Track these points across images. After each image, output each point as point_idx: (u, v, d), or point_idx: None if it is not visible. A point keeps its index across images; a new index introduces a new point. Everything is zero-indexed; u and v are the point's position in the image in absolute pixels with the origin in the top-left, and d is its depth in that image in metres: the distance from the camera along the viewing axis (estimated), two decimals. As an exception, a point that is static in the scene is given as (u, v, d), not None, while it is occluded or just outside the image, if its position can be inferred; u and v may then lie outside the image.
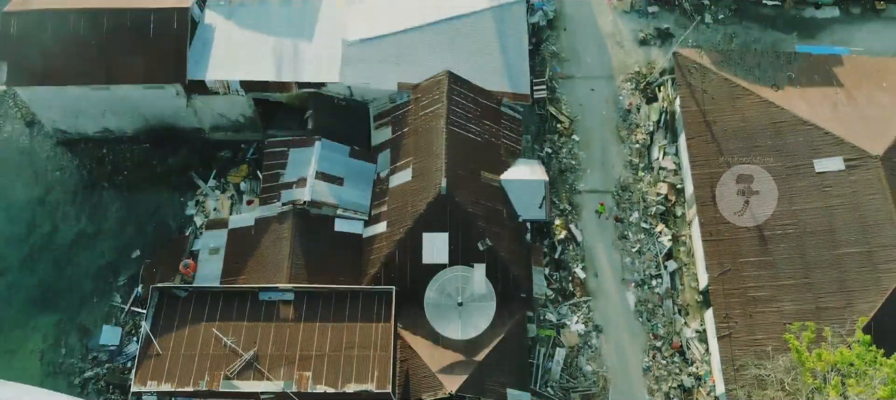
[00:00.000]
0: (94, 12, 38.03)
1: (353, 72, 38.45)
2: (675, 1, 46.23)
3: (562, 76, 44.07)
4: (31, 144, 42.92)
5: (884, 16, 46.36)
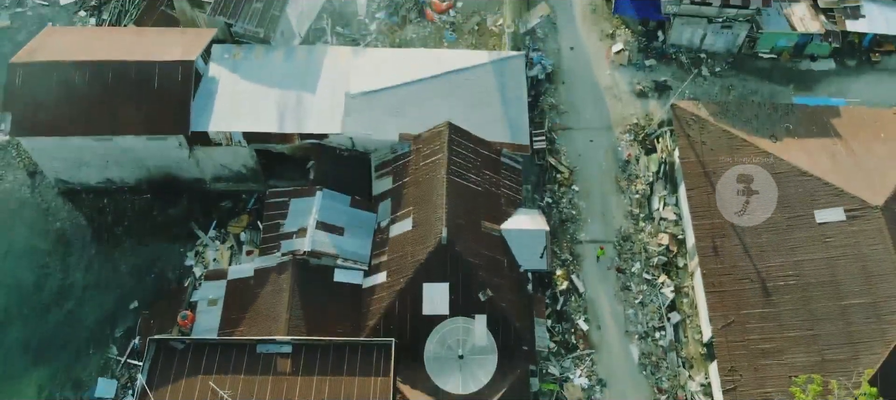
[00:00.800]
0: (100, 64, 38.59)
1: (355, 123, 38.82)
2: (671, 55, 46.94)
3: (561, 127, 44.45)
4: (32, 194, 43.04)
5: (879, 67, 47.04)
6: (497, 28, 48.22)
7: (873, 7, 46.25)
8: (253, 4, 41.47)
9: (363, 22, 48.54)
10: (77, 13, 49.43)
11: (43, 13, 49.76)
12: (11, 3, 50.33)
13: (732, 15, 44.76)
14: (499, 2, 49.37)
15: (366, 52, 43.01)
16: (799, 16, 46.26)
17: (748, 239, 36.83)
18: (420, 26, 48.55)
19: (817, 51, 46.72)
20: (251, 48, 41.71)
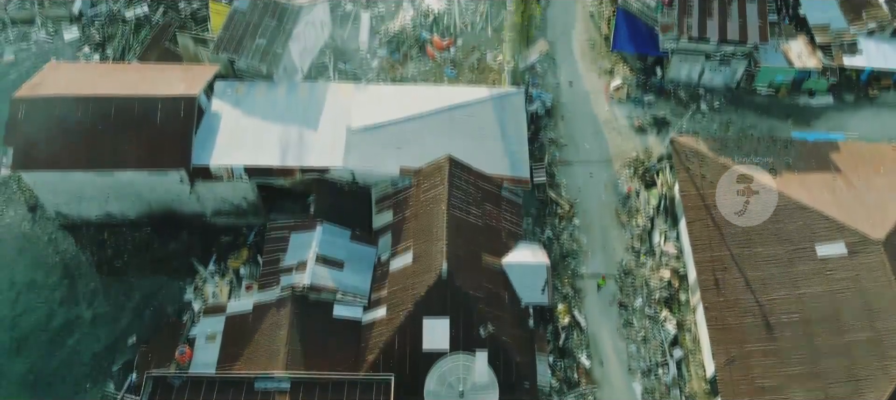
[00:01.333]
0: (102, 99, 38.89)
1: (356, 157, 38.97)
2: (670, 90, 47.29)
3: (561, 162, 44.58)
4: (32, 229, 43.01)
5: (877, 103, 47.34)
6: (497, 64, 48.70)
7: (870, 43, 46.74)
8: (256, 41, 41.95)
9: (365, 58, 49.04)
10: (81, 49, 49.93)
11: (47, 49, 50.28)
12: (16, 38, 50.93)
13: (730, 51, 45.24)
14: (498, 39, 50.00)
15: (367, 87, 43.39)
16: (796, 52, 46.74)
17: (750, 273, 36.68)
18: (421, 63, 49.04)
19: (815, 86, 47.08)
20: (254, 84, 42.08)
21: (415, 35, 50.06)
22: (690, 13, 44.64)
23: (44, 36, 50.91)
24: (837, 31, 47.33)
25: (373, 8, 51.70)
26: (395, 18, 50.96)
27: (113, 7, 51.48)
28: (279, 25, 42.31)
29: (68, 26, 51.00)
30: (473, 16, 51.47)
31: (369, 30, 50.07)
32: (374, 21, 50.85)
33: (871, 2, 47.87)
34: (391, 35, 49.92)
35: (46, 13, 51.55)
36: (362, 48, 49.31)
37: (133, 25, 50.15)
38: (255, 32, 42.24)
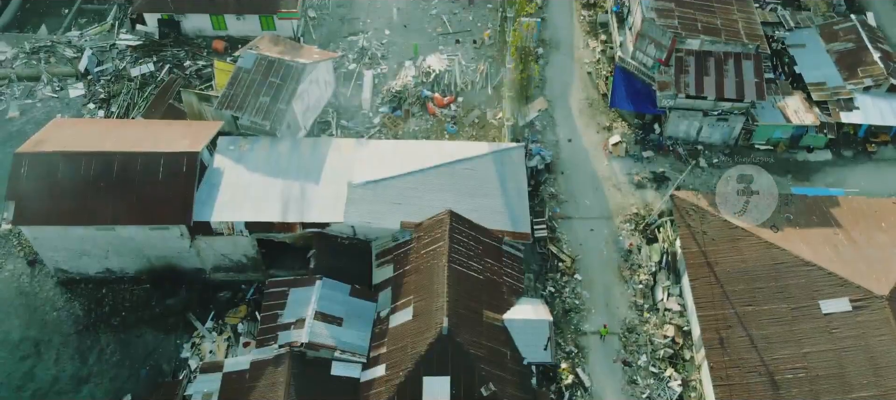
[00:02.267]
0: (105, 155, 39.13)
1: (357, 212, 38.99)
2: (668, 146, 47.63)
3: (561, 216, 44.59)
4: (31, 284, 42.72)
5: (875, 158, 47.62)
6: (497, 121, 49.21)
7: (867, 99, 47.31)
8: (260, 98, 42.50)
9: (367, 115, 49.60)
10: (86, 105, 50.53)
11: (52, 105, 50.89)
12: (22, 94, 51.58)
13: (727, 108, 45.75)
14: (498, 97, 50.67)
15: (369, 143, 43.76)
16: (793, 108, 47.28)
17: (754, 331, 36.25)
18: (422, 120, 49.57)
19: (813, 142, 47.45)
20: (257, 140, 42.43)
21: (416, 93, 50.76)
22: (687, 71, 45.33)
23: (49, 92, 51.59)
24: (834, 87, 48.01)
25: (375, 67, 52.59)
26: (397, 77, 51.79)
27: (119, 65, 52.36)
28: (283, 83, 42.92)
29: (74, 83, 51.76)
30: (473, 75, 52.34)
31: (372, 88, 50.83)
32: (376, 79, 51.65)
33: (867, 59, 48.68)
34: (393, 93, 50.62)
35: (53, 70, 52.37)
36: (365, 106, 49.94)
37: (138, 82, 50.91)
38: (259, 90, 42.83)
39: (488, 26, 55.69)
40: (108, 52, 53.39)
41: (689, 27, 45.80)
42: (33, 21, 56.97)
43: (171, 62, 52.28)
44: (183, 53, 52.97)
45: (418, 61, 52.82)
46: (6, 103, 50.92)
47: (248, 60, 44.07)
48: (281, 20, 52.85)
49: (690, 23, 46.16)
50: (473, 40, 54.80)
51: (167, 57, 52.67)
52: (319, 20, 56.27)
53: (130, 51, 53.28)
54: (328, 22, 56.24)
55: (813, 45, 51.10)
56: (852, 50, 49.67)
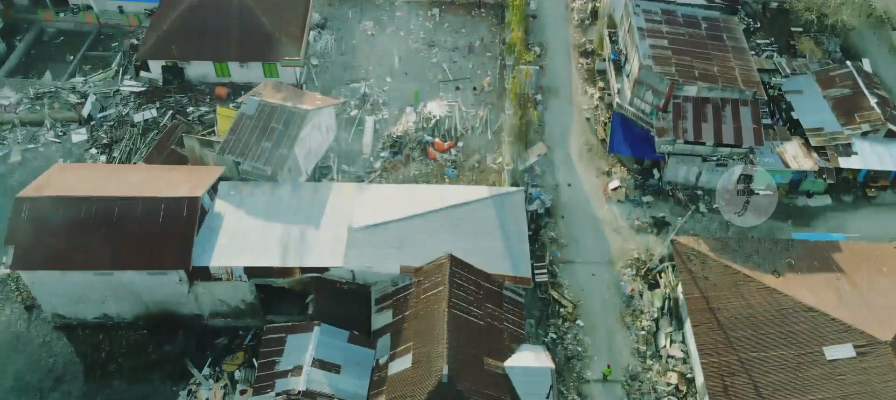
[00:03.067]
0: (106, 200, 39.16)
1: (356, 256, 38.85)
2: (668, 191, 47.72)
3: (562, 261, 44.41)
4: (28, 329, 42.30)
5: (875, 203, 47.67)
6: (497, 165, 49.44)
7: (865, 144, 47.57)
8: (262, 144, 42.77)
9: (368, 160, 49.85)
10: (88, 150, 50.80)
11: (55, 150, 51.14)
12: (25, 139, 51.89)
13: (726, 154, 45.98)
14: (498, 141, 51.01)
15: (370, 187, 43.87)
16: (792, 154, 47.53)
17: (759, 378, 35.74)
18: (423, 164, 49.80)
19: (813, 187, 47.56)
20: (258, 185, 42.54)
21: (417, 138, 51.11)
22: (685, 117, 45.73)
23: (52, 137, 51.92)
24: (831, 133, 48.34)
25: (377, 113, 53.08)
26: (398, 122, 52.23)
27: (122, 110, 52.86)
28: (285, 129, 43.26)
29: (77, 128, 52.12)
30: (474, 120, 52.78)
31: (373, 133, 51.21)
32: (377, 125, 52.08)
33: (864, 105, 49.14)
34: (394, 138, 50.97)
35: (56, 115, 52.81)
36: (366, 150, 50.23)
37: (141, 128, 51.32)
38: (261, 135, 43.13)
39: (488, 73, 56.42)
40: (112, 98, 53.94)
41: (686, 74, 46.38)
42: (38, 67, 57.69)
43: (173, 108, 52.78)
44: (186, 99, 53.53)
45: (419, 107, 53.34)
46: (9, 148, 51.19)
47: (251, 106, 44.49)
48: (284, 68, 53.56)
49: (687, 70, 46.76)
50: (473, 87, 55.42)
51: (170, 103, 53.20)
52: (322, 67, 56.99)
53: (134, 97, 53.85)
54: (331, 69, 56.97)
55: (810, 92, 51.65)
56: (849, 96, 50.16)
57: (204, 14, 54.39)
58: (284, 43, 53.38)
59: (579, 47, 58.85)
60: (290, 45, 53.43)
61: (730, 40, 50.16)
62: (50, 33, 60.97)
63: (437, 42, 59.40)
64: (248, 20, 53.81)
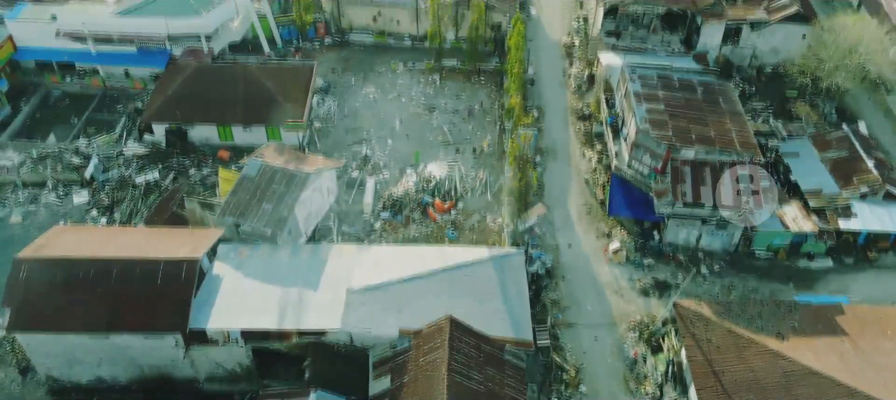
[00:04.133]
0: (105, 262, 39.02)
1: (355, 318, 38.45)
2: (669, 254, 47.58)
3: (564, 323, 43.92)
4: (21, 392, 41.52)
5: (877, 265, 47.45)
6: (497, 226, 49.46)
7: (864, 206, 47.63)
8: (262, 206, 42.90)
9: (368, 221, 49.92)
10: (89, 212, 50.91)
11: (56, 211, 51.29)
12: (26, 200, 52.08)
13: (725, 216, 46.06)
14: (498, 202, 51.19)
15: (369, 249, 43.77)
16: (791, 216, 47.59)
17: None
18: (423, 225, 49.84)
19: (813, 249, 47.43)
20: (257, 247, 42.47)
21: (417, 199, 51.32)
22: (683, 180, 45.98)
23: (53, 199, 52.12)
24: (830, 195, 48.50)
25: (378, 174, 53.46)
26: (398, 184, 52.54)
27: (124, 172, 53.22)
28: (286, 191, 43.45)
29: (78, 190, 52.38)
30: (473, 181, 53.09)
31: (374, 194, 51.44)
32: (378, 186, 52.37)
33: (861, 167, 49.44)
34: (394, 199, 51.18)
35: (58, 177, 53.14)
36: (366, 211, 50.35)
37: (142, 190, 51.57)
38: (262, 198, 43.31)
39: (487, 136, 57.06)
40: (115, 160, 54.39)
41: (683, 138, 46.88)
42: (43, 129, 58.37)
43: (176, 170, 53.18)
44: (188, 162, 54.01)
45: (419, 168, 53.75)
46: (9, 209, 51.35)
47: (253, 168, 44.82)
48: (287, 131, 54.23)
49: (684, 134, 47.29)
50: (473, 149, 55.98)
51: (172, 165, 53.65)
52: (325, 131, 57.71)
53: (136, 159, 54.33)
54: (333, 132, 57.69)
55: (807, 154, 52.10)
56: (846, 158, 50.55)
57: (209, 79, 55.43)
58: (288, 107, 54.19)
59: (577, 111, 59.71)
60: (293, 109, 54.23)
61: (726, 104, 50.91)
62: (55, 96, 61.96)
63: (437, 106, 60.33)
64: (252, 86, 54.79)
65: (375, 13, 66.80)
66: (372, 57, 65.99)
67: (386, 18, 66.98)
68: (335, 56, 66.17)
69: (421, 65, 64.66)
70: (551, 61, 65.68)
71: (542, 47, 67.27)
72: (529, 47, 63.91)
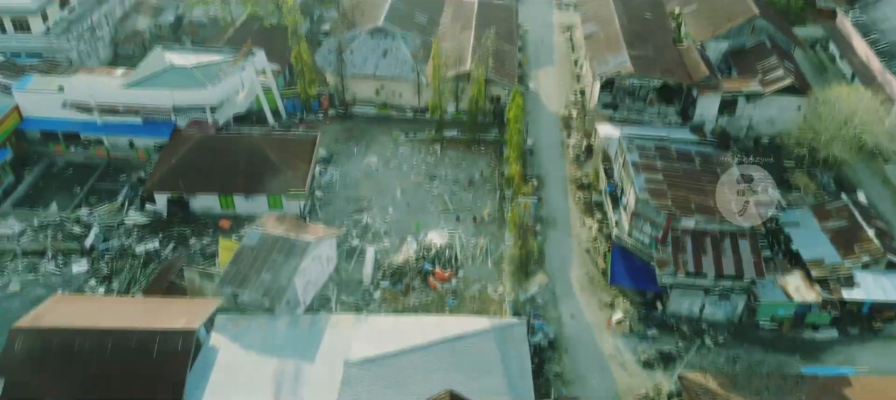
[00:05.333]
0: (101, 332, 38.57)
1: (352, 393, 37.64)
2: (672, 324, 47.02)
3: (568, 398, 42.96)
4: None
5: (883, 335, 46.82)
6: (498, 296, 49.06)
7: (867, 276, 47.31)
8: (261, 276, 42.71)
9: (368, 290, 49.57)
10: (87, 281, 50.61)
11: (54, 281, 50.93)
12: (25, 269, 51.82)
13: (728, 287, 45.74)
14: (499, 272, 50.93)
15: (368, 319, 43.30)
16: (794, 286, 47.26)
17: None
18: (423, 294, 49.46)
19: (818, 320, 46.90)
20: (255, 317, 42.05)
21: (417, 267, 51.09)
22: (684, 249, 45.88)
23: (52, 268, 51.89)
24: (832, 265, 48.28)
25: (378, 243, 53.40)
26: (398, 252, 52.40)
27: (125, 242, 53.18)
28: (286, 261, 43.34)
29: (78, 259, 52.21)
30: (474, 250, 52.98)
31: (374, 263, 51.23)
32: (378, 255, 52.21)
33: (862, 236, 49.39)
34: (394, 268, 50.95)
35: (58, 246, 53.06)
36: (366, 280, 50.05)
37: (142, 260, 51.43)
38: (261, 267, 43.16)
39: (487, 205, 57.28)
40: (116, 230, 54.42)
41: (682, 207, 47.03)
42: (45, 198, 58.62)
43: (176, 240, 53.16)
44: (189, 231, 54.05)
45: (420, 237, 53.72)
46: (8, 278, 51.07)
47: (253, 238, 44.84)
48: (289, 200, 54.48)
49: (684, 203, 47.46)
50: (474, 218, 56.10)
51: (173, 235, 53.66)
52: (326, 199, 57.98)
53: (137, 229, 54.39)
54: (335, 201, 57.94)
55: (807, 224, 52.13)
56: (847, 228, 50.57)
57: (213, 149, 56.05)
58: (290, 176, 54.62)
59: (576, 181, 60.13)
60: (295, 179, 54.63)
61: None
62: (59, 165, 62.48)
63: (438, 175, 60.80)
64: (255, 155, 55.33)
65: (378, 86, 68.15)
66: (374, 127, 66.94)
67: (388, 91, 68.30)
68: (338, 127, 67.13)
69: (422, 135, 65.52)
70: (550, 132, 66.61)
71: (540, 119, 68.34)
72: (528, 120, 64.89)
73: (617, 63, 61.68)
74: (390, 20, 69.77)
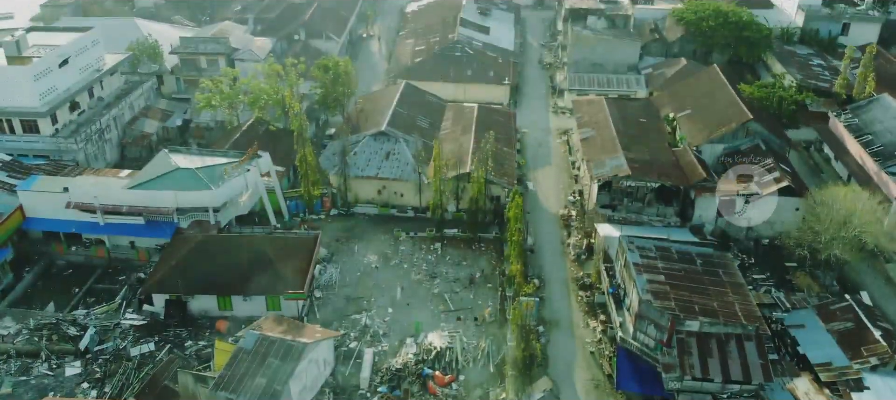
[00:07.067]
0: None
1: None
2: (680, 430, 45.56)
3: None
4: None
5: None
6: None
7: (876, 379, 46.14)
8: (256, 379, 41.77)
9: (365, 396, 48.29)
10: (79, 384, 49.44)
11: (46, 383, 49.78)
12: (17, 370, 50.76)
13: (736, 391, 44.61)
14: (500, 375, 49.78)
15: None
16: (803, 390, 46.07)
17: None
18: (422, 399, 48.16)
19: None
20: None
21: (417, 371, 49.96)
22: (690, 353, 45.05)
23: (46, 370, 50.82)
24: (840, 368, 47.22)
25: (377, 344, 52.48)
26: (397, 354, 51.41)
27: (120, 344, 52.32)
28: (282, 364, 42.52)
29: (72, 361, 51.23)
30: (475, 352, 51.99)
31: (371, 366, 50.17)
32: (376, 357, 51.21)
33: (869, 338, 48.54)
34: (393, 371, 49.84)
35: (52, 347, 52.17)
36: (363, 385, 48.84)
37: (136, 362, 50.44)
38: (256, 371, 42.29)
39: (489, 304, 56.69)
40: (112, 332, 53.66)
41: (686, 309, 46.54)
42: (43, 298, 58.12)
43: (172, 342, 52.32)
44: (185, 333, 53.29)
45: (420, 338, 52.84)
46: (0, 379, 49.95)
47: (250, 341, 44.17)
48: (287, 300, 53.99)
49: (687, 305, 46.99)
50: (474, 318, 55.39)
51: (169, 337, 52.86)
52: (325, 300, 57.46)
53: (133, 330, 53.62)
54: (333, 301, 57.40)
55: (812, 326, 51.37)
56: (852, 329, 49.80)
57: (213, 250, 56.07)
58: (289, 277, 54.35)
59: (577, 281, 59.79)
60: (294, 280, 54.34)
61: (726, 276, 51.05)
62: (59, 265, 62.31)
63: (438, 274, 60.52)
64: (255, 256, 55.29)
65: (380, 187, 69.04)
66: (375, 226, 67.27)
67: (390, 192, 69.13)
68: (340, 226, 67.45)
69: (423, 233, 65.75)
70: (549, 232, 66.84)
71: (540, 218, 68.75)
72: (527, 219, 65.26)
73: (614, 165, 62.68)
74: (393, 124, 71.51)
